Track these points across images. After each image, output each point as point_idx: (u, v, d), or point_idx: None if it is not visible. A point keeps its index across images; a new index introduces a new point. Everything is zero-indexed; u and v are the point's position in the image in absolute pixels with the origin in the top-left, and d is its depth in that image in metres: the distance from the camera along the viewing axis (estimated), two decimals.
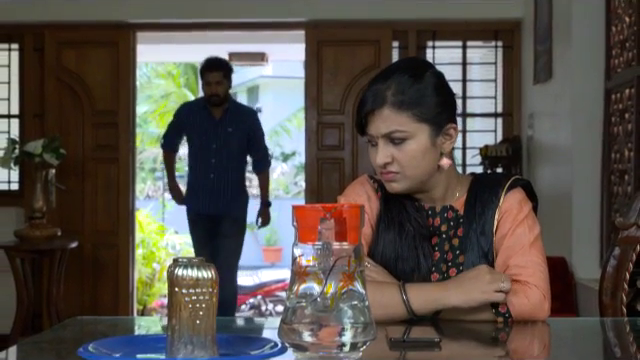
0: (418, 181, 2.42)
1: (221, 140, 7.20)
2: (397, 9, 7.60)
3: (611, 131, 5.72)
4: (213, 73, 7.15)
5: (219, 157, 7.21)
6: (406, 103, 2.36)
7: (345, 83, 7.74)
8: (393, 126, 2.36)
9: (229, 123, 7.24)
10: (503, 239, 2.41)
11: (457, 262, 2.44)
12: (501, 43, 7.83)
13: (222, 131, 7.20)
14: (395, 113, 2.36)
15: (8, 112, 7.97)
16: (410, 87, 2.37)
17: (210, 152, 7.21)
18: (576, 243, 5.86)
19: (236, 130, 7.25)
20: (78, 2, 7.56)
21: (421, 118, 2.37)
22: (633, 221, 2.55)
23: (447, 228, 2.48)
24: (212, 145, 7.20)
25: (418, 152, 2.38)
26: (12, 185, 7.95)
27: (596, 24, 5.88)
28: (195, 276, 1.58)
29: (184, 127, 7.43)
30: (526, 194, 2.49)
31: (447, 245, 2.47)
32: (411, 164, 2.38)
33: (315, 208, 1.71)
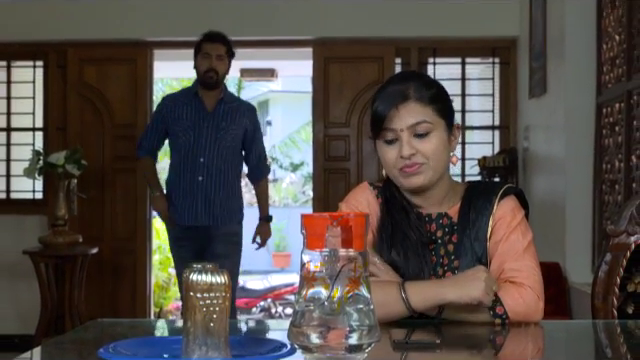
0: (438, 174, 2.44)
1: (213, 135, 5.88)
2: (400, 27, 7.60)
3: (602, 143, 5.72)
4: (215, 44, 5.94)
5: (210, 156, 5.87)
6: (428, 98, 2.41)
7: (350, 97, 7.75)
8: (420, 117, 2.39)
9: (223, 116, 5.94)
10: (497, 245, 2.41)
11: (452, 267, 2.44)
12: (498, 60, 7.82)
13: (214, 125, 5.90)
14: (421, 106, 2.40)
15: (33, 125, 7.98)
16: (428, 88, 2.44)
17: (199, 149, 5.86)
18: (569, 249, 5.86)
19: (231, 125, 5.95)
20: (99, 22, 7.58)
21: (440, 113, 2.43)
22: (623, 229, 2.55)
23: (442, 234, 2.48)
24: (201, 141, 5.87)
25: (440, 145, 2.41)
26: (36, 194, 7.95)
27: (588, 42, 5.88)
28: (209, 281, 1.59)
29: (168, 122, 5.98)
30: (519, 202, 2.50)
31: (443, 250, 2.47)
32: (435, 156, 2.40)
33: (323, 217, 1.71)
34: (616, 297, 2.53)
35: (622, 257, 2.53)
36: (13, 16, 7.69)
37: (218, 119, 5.91)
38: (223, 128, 5.90)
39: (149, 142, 6.11)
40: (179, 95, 6.17)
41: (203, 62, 5.87)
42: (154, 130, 6.10)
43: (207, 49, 5.89)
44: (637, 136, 5.05)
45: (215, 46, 5.91)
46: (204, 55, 5.87)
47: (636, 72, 5.09)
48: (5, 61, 8.03)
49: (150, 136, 6.12)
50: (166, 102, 6.09)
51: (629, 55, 5.21)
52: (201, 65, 5.89)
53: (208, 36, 5.97)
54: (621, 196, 5.27)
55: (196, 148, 5.85)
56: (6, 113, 8.01)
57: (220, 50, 5.91)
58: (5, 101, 8.01)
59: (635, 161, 5.08)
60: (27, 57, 7.99)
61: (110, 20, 7.58)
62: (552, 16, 6.32)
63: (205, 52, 5.88)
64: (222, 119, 5.91)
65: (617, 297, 2.53)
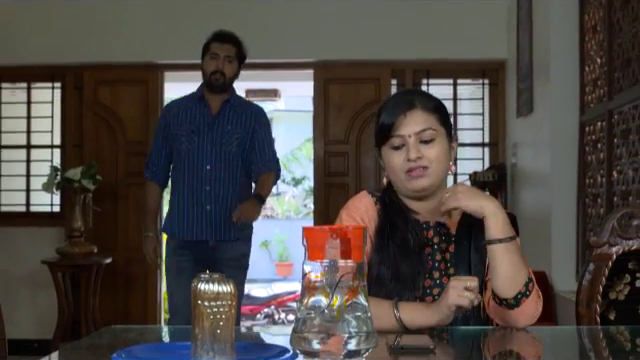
0: (439, 180, 2.50)
1: (218, 140, 5.10)
2: (395, 51, 7.61)
3: (585, 159, 5.72)
4: (225, 45, 5.19)
5: (217, 164, 5.08)
6: (432, 108, 2.48)
7: (349, 116, 7.74)
8: (426, 124, 2.45)
9: (229, 119, 5.16)
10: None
11: (448, 273, 2.46)
12: (487, 81, 7.83)
13: (219, 128, 5.12)
14: (426, 114, 2.46)
15: (51, 143, 7.98)
16: (431, 99, 2.53)
17: (204, 156, 5.08)
18: (555, 259, 5.85)
19: (237, 127, 5.15)
20: (112, 46, 7.59)
21: (443, 122, 2.49)
22: (605, 240, 2.55)
23: (439, 240, 2.50)
24: (206, 146, 5.08)
25: (442, 151, 2.47)
26: (54, 207, 7.94)
27: (571, 64, 5.88)
28: (216, 290, 1.58)
29: (171, 127, 5.19)
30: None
31: (439, 256, 2.49)
32: (438, 161, 2.46)
33: (323, 229, 1.71)
34: (599, 304, 2.53)
35: (604, 267, 2.54)
36: (33, 40, 7.70)
37: (224, 122, 5.14)
38: (228, 131, 5.12)
39: (156, 157, 5.29)
40: (184, 100, 5.34)
41: (210, 63, 5.15)
42: (159, 140, 5.28)
43: (215, 49, 5.17)
44: (618, 153, 5.05)
45: (224, 47, 5.19)
46: (212, 56, 5.15)
47: (617, 93, 5.10)
48: (25, 82, 8.04)
49: (156, 150, 5.30)
50: (170, 107, 5.33)
51: (610, 77, 5.22)
52: (208, 66, 5.17)
53: (217, 36, 5.25)
54: (603, 209, 5.27)
55: (201, 154, 5.08)
56: (26, 131, 8.02)
57: (229, 51, 5.18)
58: (25, 120, 8.01)
59: (616, 176, 5.08)
60: (46, 79, 7.99)
61: (123, 44, 7.59)
62: (538, 40, 6.33)
63: (213, 52, 5.16)
64: (228, 122, 5.14)
65: (600, 304, 2.53)
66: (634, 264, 2.55)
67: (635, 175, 4.69)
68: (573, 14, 5.89)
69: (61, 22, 7.68)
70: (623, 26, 4.97)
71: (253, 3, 7.41)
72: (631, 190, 4.77)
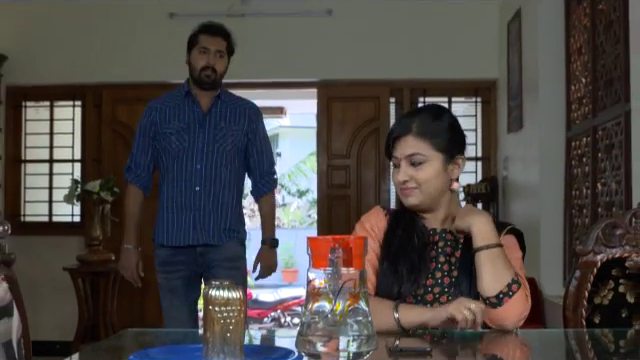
0: (431, 198, 2.50)
1: (210, 138, 4.41)
2: (394, 71, 7.62)
3: (572, 173, 5.72)
4: (215, 39, 4.48)
5: (208, 162, 4.39)
6: (426, 134, 2.47)
7: (350, 132, 7.75)
8: (415, 150, 2.46)
9: (221, 116, 4.47)
10: None
11: (451, 275, 2.47)
12: (480, 99, 7.83)
13: (211, 125, 4.44)
14: (417, 140, 2.47)
15: (72, 157, 7.99)
16: (430, 123, 2.50)
17: (195, 155, 4.39)
18: (544, 266, 5.84)
19: (231, 124, 4.47)
20: (129, 67, 7.61)
21: (437, 148, 2.47)
22: (590, 248, 2.55)
23: (444, 245, 2.52)
24: (197, 145, 4.40)
25: (432, 174, 2.47)
26: (75, 218, 7.95)
27: (558, 84, 5.89)
28: (226, 296, 1.58)
29: (157, 126, 4.46)
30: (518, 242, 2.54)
31: (443, 258, 2.50)
32: (427, 183, 2.47)
33: (326, 239, 1.72)
34: (584, 309, 2.53)
35: (590, 273, 2.54)
36: (55, 62, 7.73)
37: (216, 119, 4.45)
38: (222, 128, 4.44)
39: (140, 158, 4.53)
40: (168, 97, 4.60)
41: (199, 58, 4.44)
42: (144, 140, 4.52)
43: (205, 43, 4.45)
44: (602, 166, 5.05)
45: (215, 40, 4.48)
46: (201, 50, 4.44)
47: (600, 110, 5.10)
48: (48, 101, 8.06)
49: (139, 151, 4.53)
50: (154, 106, 4.55)
51: (594, 96, 5.22)
52: (197, 61, 4.45)
53: (206, 28, 4.53)
54: (588, 219, 5.27)
55: (192, 153, 4.39)
56: (49, 147, 8.03)
57: (220, 45, 4.48)
58: (48, 136, 8.02)
59: (600, 188, 5.08)
60: (67, 98, 8.01)
61: (138, 65, 7.61)
62: (527, 61, 6.34)
63: (202, 46, 4.44)
64: (221, 118, 4.46)
65: (585, 309, 2.53)
66: (617, 271, 2.54)
67: (618, 187, 4.69)
68: (559, 37, 5.90)
69: (81, 45, 7.70)
70: (606, 48, 4.98)
71: (260, 26, 7.41)
72: (614, 201, 4.77)
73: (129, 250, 4.53)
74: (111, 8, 7.70)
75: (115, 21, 7.72)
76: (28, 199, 8.04)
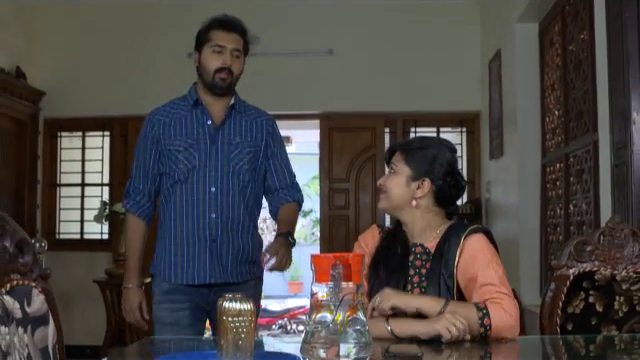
0: (393, 205, 2.57)
1: (225, 156, 3.32)
2: (388, 104, 7.64)
3: (547, 195, 5.71)
4: (232, 35, 3.36)
5: (224, 185, 3.30)
6: (404, 150, 2.58)
7: (349, 159, 7.75)
8: (394, 160, 2.59)
9: (236, 129, 3.39)
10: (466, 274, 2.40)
11: (422, 286, 2.47)
12: (465, 129, 7.84)
13: (225, 141, 3.34)
14: (398, 153, 2.59)
15: (101, 181, 8.00)
16: (412, 143, 2.63)
17: (208, 176, 3.30)
18: (522, 278, 5.83)
19: (247, 139, 3.39)
20: (151, 101, 7.58)
21: (407, 163, 2.55)
22: (564, 263, 2.55)
23: (413, 259, 2.52)
24: (210, 164, 3.30)
25: (396, 183, 2.55)
26: (103, 235, 7.94)
27: (534, 116, 5.89)
28: (238, 308, 1.59)
29: (161, 145, 3.37)
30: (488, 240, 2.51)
31: (412, 271, 2.50)
32: (390, 190, 2.57)
33: (328, 257, 1.72)
34: (559, 317, 2.53)
35: (563, 286, 2.53)
36: (87, 97, 7.77)
37: (230, 133, 3.37)
38: (238, 144, 3.36)
39: (141, 182, 3.43)
40: (172, 107, 3.48)
41: (213, 58, 3.34)
42: (145, 160, 3.41)
43: (220, 40, 3.34)
44: (573, 189, 5.05)
45: (231, 37, 3.36)
46: (215, 49, 3.33)
47: (572, 139, 5.10)
48: (81, 132, 8.08)
49: (140, 173, 3.43)
50: (156, 118, 3.43)
51: (566, 126, 5.23)
52: (209, 62, 3.35)
53: (222, 22, 3.38)
54: (562, 236, 5.26)
55: (204, 174, 3.29)
56: (81, 172, 8.04)
57: (237, 43, 3.38)
58: (80, 163, 8.04)
59: (572, 209, 5.07)
60: (97, 128, 8.03)
61: (159, 99, 7.58)
62: (506, 96, 6.35)
63: (217, 44, 3.33)
64: (236, 133, 3.38)
65: (560, 317, 2.53)
66: (588, 283, 2.54)
67: (588, 208, 4.69)
68: (535, 74, 5.91)
69: (109, 82, 7.73)
70: (576, 84, 4.99)
71: (269, 64, 7.42)
72: (585, 220, 4.76)
73: (130, 290, 3.45)
74: (135, 50, 7.73)
75: (139, 61, 7.75)
76: (62, 219, 8.05)
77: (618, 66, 3.56)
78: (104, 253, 7.66)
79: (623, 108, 3.50)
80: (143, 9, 7.80)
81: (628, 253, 2.54)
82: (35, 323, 1.89)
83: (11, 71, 7.31)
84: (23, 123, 7.66)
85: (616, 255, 2.54)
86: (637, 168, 3.44)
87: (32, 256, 1.92)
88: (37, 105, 7.78)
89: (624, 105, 3.49)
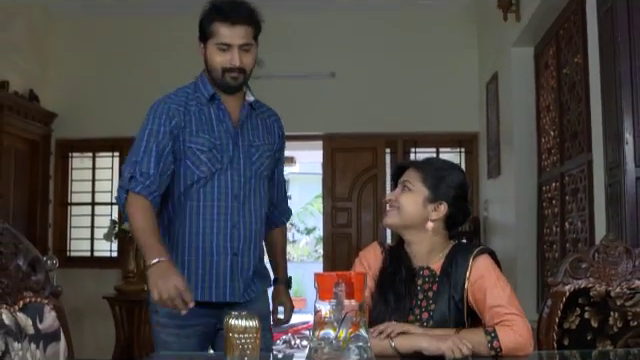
0: (404, 223, 2.48)
1: (247, 160, 2.89)
2: (388, 125, 7.65)
3: (543, 213, 5.71)
4: (238, 28, 2.77)
5: (245, 192, 2.87)
6: (422, 169, 2.51)
7: (351, 179, 7.76)
8: (408, 177, 2.50)
9: (255, 131, 2.98)
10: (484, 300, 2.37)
11: (429, 309, 2.42)
12: (463, 149, 7.85)
13: (245, 144, 2.91)
14: (414, 171, 2.50)
15: (111, 200, 7.99)
16: (432, 165, 2.54)
17: (231, 182, 2.85)
18: (520, 295, 5.76)
19: (265, 140, 2.99)
20: None
21: (425, 183, 2.48)
22: (560, 280, 2.55)
23: (422, 282, 2.47)
24: (233, 169, 2.86)
25: (412, 202, 2.47)
26: (113, 253, 7.94)
27: (530, 136, 5.90)
28: (244, 325, 1.59)
29: (181, 140, 2.82)
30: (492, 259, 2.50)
31: (421, 295, 2.46)
32: (405, 206, 2.47)
33: (331, 275, 1.72)
34: (555, 333, 2.52)
35: (559, 302, 2.53)
36: (97, 119, 7.81)
37: (249, 134, 2.95)
38: (258, 147, 2.94)
39: (151, 164, 2.75)
40: (185, 99, 2.90)
41: (218, 56, 2.80)
42: (156, 142, 2.78)
43: (225, 37, 2.77)
44: (569, 208, 5.05)
45: (237, 31, 2.77)
46: (220, 47, 2.79)
47: (567, 159, 5.10)
48: (91, 152, 8.11)
49: (152, 153, 2.76)
50: (174, 106, 2.85)
51: (561, 147, 5.23)
52: (215, 60, 2.82)
53: (224, 14, 2.77)
54: (558, 253, 5.25)
55: (226, 180, 2.83)
56: (91, 191, 8.06)
57: (245, 36, 2.79)
58: (90, 182, 8.07)
59: (568, 227, 5.07)
60: (107, 149, 8.05)
61: None
62: (503, 117, 6.36)
63: (221, 42, 2.78)
64: (255, 135, 2.96)
65: (556, 333, 2.52)
66: (583, 299, 2.54)
67: (583, 226, 4.68)
68: (530, 96, 5.92)
69: (118, 105, 7.75)
70: (570, 106, 5.00)
71: (273, 86, 7.43)
72: (580, 238, 4.76)
73: (161, 264, 2.52)
74: (144, 73, 7.76)
75: (148, 84, 7.76)
76: (73, 237, 8.06)
77: (611, 88, 3.57)
78: (113, 270, 7.65)
79: (616, 129, 3.51)
80: (152, 32, 7.84)
81: (622, 270, 2.53)
82: (47, 339, 1.89)
83: (25, 94, 7.34)
84: (36, 144, 7.69)
85: (610, 272, 2.54)
86: (630, 187, 3.45)
87: (44, 274, 1.93)
88: (49, 127, 7.81)
89: (617, 126, 3.50)
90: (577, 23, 4.77)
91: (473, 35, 7.57)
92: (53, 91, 7.83)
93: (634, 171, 3.44)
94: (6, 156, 7.00)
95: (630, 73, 3.46)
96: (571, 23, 4.95)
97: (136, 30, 7.87)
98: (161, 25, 7.78)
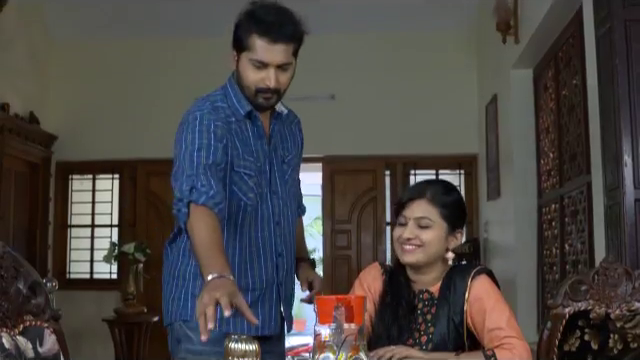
0: (427, 259, 2.43)
1: (282, 179, 2.61)
2: (388, 147, 7.66)
3: (543, 235, 5.71)
4: (278, 46, 2.40)
5: (285, 218, 2.60)
6: (437, 202, 2.42)
7: (351, 201, 7.77)
8: (425, 214, 2.41)
9: (284, 143, 2.67)
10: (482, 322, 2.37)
11: (428, 332, 2.41)
12: (463, 171, 7.86)
13: (279, 162, 2.62)
14: (429, 205, 2.42)
15: (110, 223, 8.02)
16: (442, 195, 2.45)
17: (273, 208, 2.56)
18: (520, 316, 5.78)
19: (293, 156, 2.70)
20: (160, 145, 7.63)
21: (444, 216, 2.43)
22: (560, 302, 2.54)
23: (422, 306, 2.46)
24: (272, 192, 2.57)
25: (435, 238, 2.41)
26: (112, 275, 7.94)
27: (530, 158, 5.91)
28: (243, 349, 1.59)
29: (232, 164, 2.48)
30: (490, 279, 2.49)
31: (421, 319, 2.45)
32: (429, 244, 2.40)
33: (331, 299, 1.73)
34: (555, 355, 2.51)
35: (559, 324, 2.52)
36: (97, 142, 7.83)
37: (279, 150, 2.65)
38: (289, 162, 2.67)
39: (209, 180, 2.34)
40: (223, 114, 2.51)
41: (253, 73, 2.46)
42: (215, 156, 2.40)
43: (262, 55, 2.42)
44: (568, 229, 5.05)
45: (278, 50, 2.42)
46: (255, 64, 2.44)
47: (566, 181, 5.11)
48: (91, 174, 8.13)
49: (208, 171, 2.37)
50: (218, 123, 2.47)
51: (560, 168, 5.24)
52: (249, 76, 2.47)
53: (265, 28, 2.39)
54: (558, 275, 5.25)
55: (267, 204, 2.55)
56: (91, 213, 8.07)
57: (285, 56, 2.44)
58: (90, 204, 8.08)
59: (567, 248, 5.07)
60: (107, 171, 8.07)
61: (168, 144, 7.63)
62: (503, 139, 6.38)
63: (258, 60, 2.43)
64: (284, 148, 2.67)
65: (556, 355, 2.51)
66: (583, 322, 2.53)
67: (583, 247, 4.68)
68: (530, 118, 5.94)
69: (118, 127, 7.79)
70: (569, 128, 5.01)
71: None
72: (580, 259, 4.76)
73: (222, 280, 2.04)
74: (144, 95, 7.79)
75: (148, 106, 7.80)
76: (73, 259, 8.07)
77: (609, 110, 3.58)
78: (113, 292, 7.65)
79: (615, 151, 3.52)
80: (152, 55, 7.87)
81: (622, 292, 2.53)
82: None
83: (25, 116, 7.37)
84: (36, 166, 7.71)
85: (610, 294, 2.53)
86: (629, 209, 3.45)
87: (44, 298, 1.93)
88: (49, 149, 7.83)
89: (616, 148, 3.51)
90: (575, 45, 4.79)
91: (472, 57, 7.60)
92: (53, 113, 7.86)
93: (633, 193, 3.44)
94: (6, 178, 7.02)
95: (628, 95, 3.47)
96: (569, 45, 4.98)
97: (136, 52, 7.91)
98: (160, 47, 7.82)
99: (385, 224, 7.72)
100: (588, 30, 3.97)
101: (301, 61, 2.58)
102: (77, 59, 8.01)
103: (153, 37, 7.80)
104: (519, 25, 5.57)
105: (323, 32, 7.65)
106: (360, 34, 7.74)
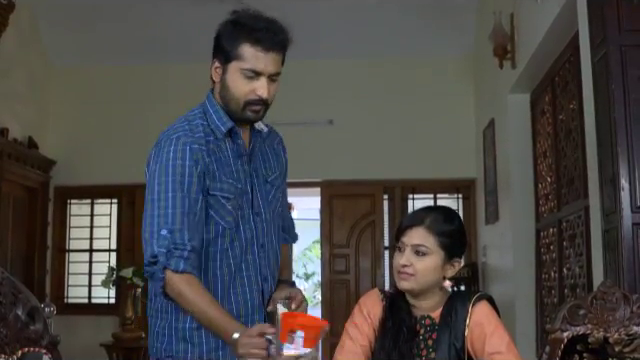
0: (421, 287, 2.42)
1: (265, 199, 2.48)
2: (386, 172, 7.68)
3: (541, 259, 5.71)
4: (272, 55, 2.33)
5: (269, 239, 2.47)
6: (436, 230, 2.41)
7: (349, 225, 7.77)
8: (422, 242, 2.40)
9: (265, 162, 2.56)
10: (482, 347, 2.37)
11: (429, 357, 2.41)
12: (461, 195, 7.87)
13: (261, 182, 2.49)
14: (426, 233, 2.40)
15: (109, 247, 8.02)
16: (442, 223, 2.43)
17: (254, 230, 2.42)
18: (519, 340, 5.77)
19: (276, 175, 2.60)
20: None
21: (442, 245, 2.41)
22: (558, 327, 2.54)
23: (424, 332, 2.46)
24: (255, 214, 2.43)
25: (430, 267, 2.40)
26: (110, 300, 7.94)
27: (528, 182, 5.92)
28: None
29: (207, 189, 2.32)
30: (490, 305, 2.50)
31: (423, 344, 2.44)
32: (423, 273, 2.39)
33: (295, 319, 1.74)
34: None
35: (558, 348, 2.52)
36: (95, 167, 7.86)
37: (262, 168, 2.54)
38: (272, 182, 2.56)
39: (189, 233, 2.26)
40: (200, 133, 2.40)
41: (243, 85, 2.34)
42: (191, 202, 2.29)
43: (256, 64, 2.32)
44: (567, 253, 5.05)
45: (270, 58, 2.35)
46: (247, 74, 2.33)
47: (564, 205, 5.12)
48: (89, 199, 8.15)
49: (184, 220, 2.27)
50: (197, 146, 2.35)
51: (558, 193, 5.26)
52: (238, 88, 2.35)
53: (258, 36, 2.31)
54: (556, 299, 5.24)
55: (250, 227, 2.42)
56: (89, 238, 8.07)
57: (276, 64, 2.38)
58: (89, 229, 8.08)
59: (566, 272, 5.07)
60: (105, 196, 8.09)
61: None
62: (500, 163, 6.39)
63: (250, 70, 2.32)
64: (266, 166, 2.56)
65: None
66: (581, 346, 2.53)
67: (581, 271, 4.68)
68: (527, 142, 5.96)
69: (116, 152, 7.80)
70: (567, 152, 5.03)
71: None
72: (578, 283, 4.76)
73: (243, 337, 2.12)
74: (142, 120, 7.80)
75: (146, 131, 7.80)
76: (71, 283, 8.06)
77: (606, 134, 3.60)
78: (111, 317, 7.63)
79: (612, 175, 3.53)
80: (151, 80, 7.91)
81: (620, 316, 2.53)
82: None
83: (24, 141, 7.39)
84: (34, 191, 7.71)
85: (608, 318, 2.53)
86: (627, 233, 3.45)
87: (43, 324, 1.93)
88: (48, 173, 7.84)
89: (613, 172, 3.52)
90: (572, 70, 4.82)
91: (470, 82, 7.64)
92: (52, 138, 7.88)
93: (630, 217, 3.45)
94: (5, 203, 7.02)
95: (625, 119, 3.48)
96: (566, 70, 5.01)
97: (135, 78, 7.94)
98: (160, 73, 7.86)
99: (383, 248, 7.72)
100: (584, 55, 4.00)
101: (299, 86, 2.62)
102: (76, 84, 8.05)
103: (153, 62, 7.84)
104: (516, 50, 5.60)
105: (322, 57, 7.71)
106: (358, 59, 7.78)
